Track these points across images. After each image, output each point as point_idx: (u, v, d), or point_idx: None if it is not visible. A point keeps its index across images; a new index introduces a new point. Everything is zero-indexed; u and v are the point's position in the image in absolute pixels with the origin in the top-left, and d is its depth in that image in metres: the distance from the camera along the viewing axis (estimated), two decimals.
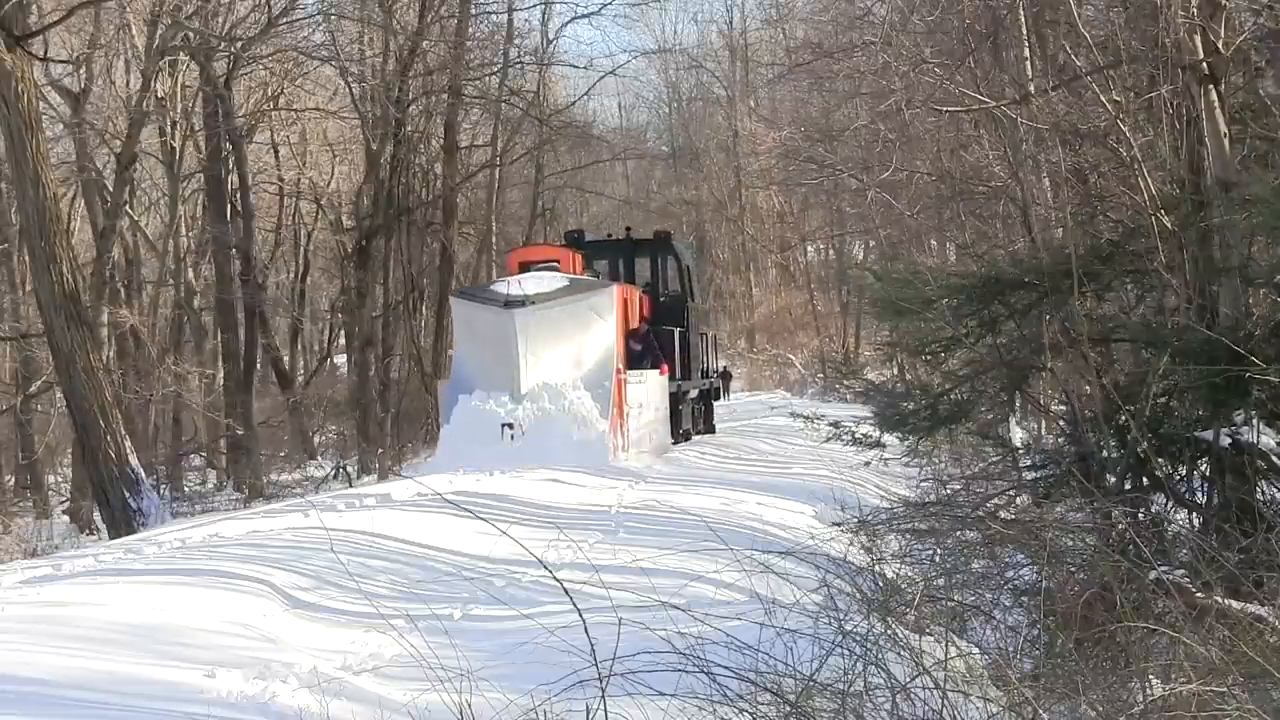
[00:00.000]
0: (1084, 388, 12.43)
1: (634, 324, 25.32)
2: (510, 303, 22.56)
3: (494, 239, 40.61)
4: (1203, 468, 11.22)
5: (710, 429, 31.23)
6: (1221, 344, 9.75)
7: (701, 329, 31.76)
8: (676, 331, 27.95)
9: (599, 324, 23.43)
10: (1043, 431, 18.67)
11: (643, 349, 25.06)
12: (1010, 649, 7.62)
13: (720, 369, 57.83)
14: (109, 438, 18.94)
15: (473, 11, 35.20)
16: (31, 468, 32.17)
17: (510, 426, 21.79)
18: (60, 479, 34.06)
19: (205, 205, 36.15)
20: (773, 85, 57.03)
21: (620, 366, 23.40)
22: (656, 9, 55.90)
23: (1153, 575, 7.64)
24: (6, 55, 18.53)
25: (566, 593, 5.72)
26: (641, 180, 70.20)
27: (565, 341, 22.94)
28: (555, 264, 24.72)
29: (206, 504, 27.91)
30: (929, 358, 14.65)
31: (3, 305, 33.70)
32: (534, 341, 22.50)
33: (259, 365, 35.48)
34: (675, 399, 27.20)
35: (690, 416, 29.48)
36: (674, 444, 26.60)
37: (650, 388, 24.75)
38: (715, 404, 33.11)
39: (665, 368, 25.74)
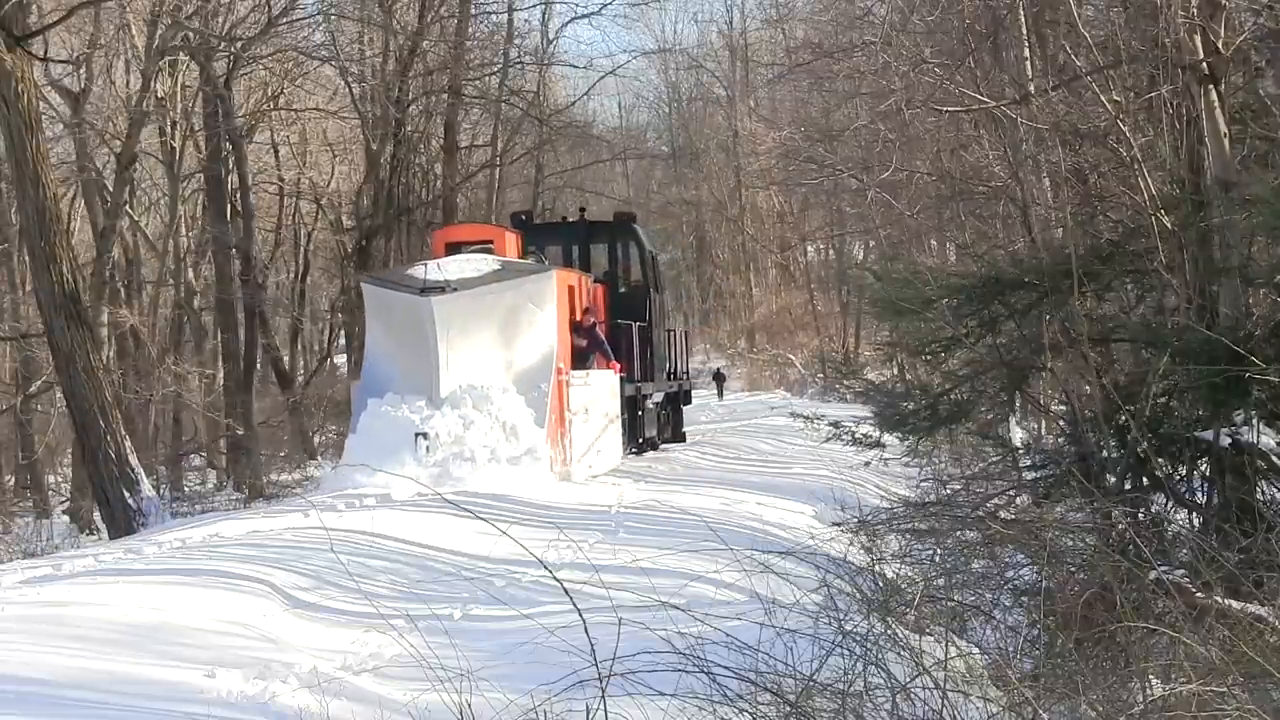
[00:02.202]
0: (1084, 388, 12.43)
1: (582, 316, 21.98)
2: (428, 289, 18.94)
3: None
4: (1203, 468, 11.22)
5: (679, 437, 27.92)
6: (1221, 344, 9.76)
7: (669, 325, 28.62)
8: (636, 326, 24.75)
9: (536, 315, 19.94)
10: (1043, 431, 18.67)
11: (589, 344, 21.80)
12: (1010, 649, 7.62)
13: (714, 370, 58.09)
14: (109, 438, 18.91)
15: (473, 11, 35.18)
16: (31, 468, 32.16)
17: (425, 437, 18.35)
18: (60, 479, 34.06)
19: (205, 205, 36.12)
20: (773, 85, 57.03)
21: (561, 365, 20.10)
22: (656, 9, 55.96)
23: (1153, 575, 7.64)
24: (6, 55, 18.52)
25: (566, 593, 5.72)
26: (641, 180, 70.27)
27: (494, 336, 19.57)
28: (489, 246, 21.23)
29: (206, 504, 27.89)
30: (929, 358, 14.65)
31: (3, 305, 33.69)
32: (456, 335, 19.10)
33: (259, 365, 35.45)
34: (634, 403, 24.20)
35: (655, 423, 26.19)
36: (634, 454, 24.00)
37: (598, 390, 21.47)
38: (685, 408, 29.92)
39: (616, 365, 22.56)
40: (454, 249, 21.21)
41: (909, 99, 18.94)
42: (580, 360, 21.39)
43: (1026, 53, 16.87)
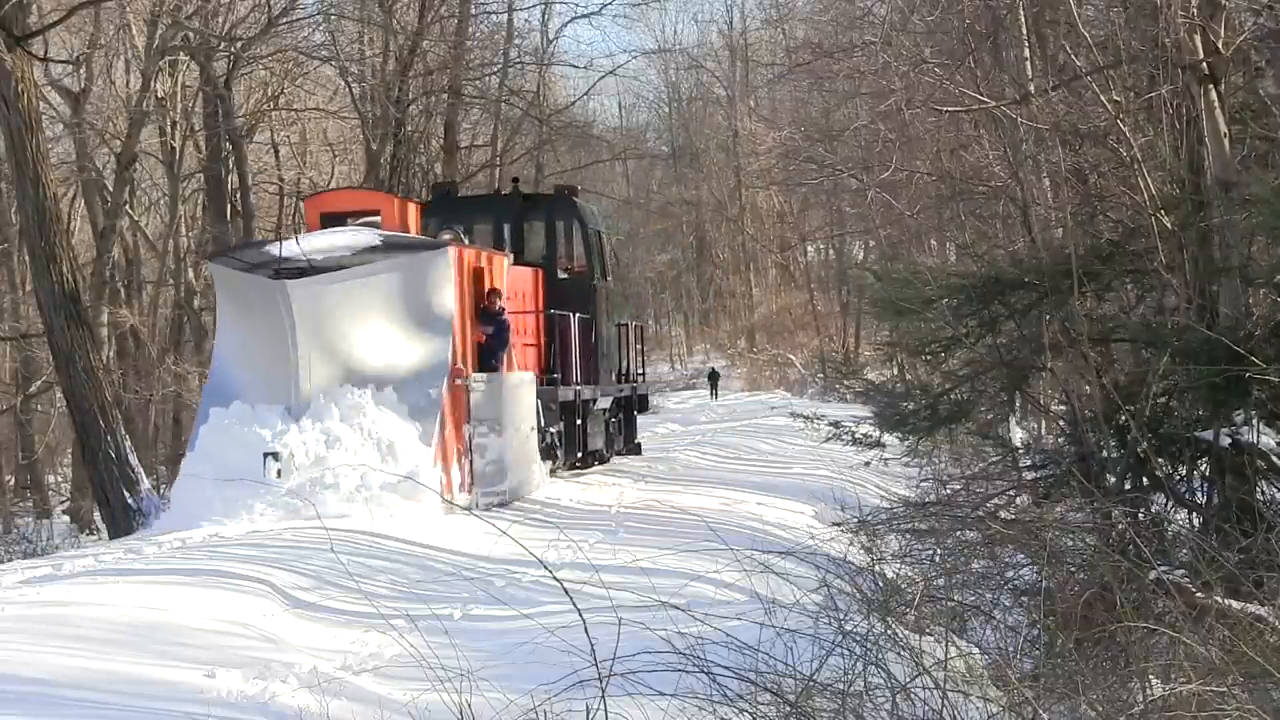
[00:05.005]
0: (1084, 388, 12.44)
1: (488, 300, 17.64)
2: (284, 270, 15.39)
3: None
4: (1203, 468, 11.23)
5: (633, 449, 24.37)
6: (1221, 344, 9.76)
7: (620, 319, 24.71)
8: (576, 318, 20.85)
9: (427, 302, 16.20)
10: (1043, 431, 18.67)
11: (496, 333, 17.54)
12: (1010, 649, 7.62)
13: (710, 369, 57.97)
14: (109, 438, 18.90)
15: (473, 11, 35.16)
16: (31, 468, 32.18)
17: (275, 458, 14.75)
18: (60, 479, 34.08)
19: (205, 205, 36.13)
20: (773, 85, 57.06)
21: (460, 365, 16.35)
22: (656, 9, 55.85)
23: (1153, 575, 7.65)
24: (6, 55, 18.51)
25: (566, 593, 5.72)
26: (641, 180, 70.26)
27: (371, 329, 15.88)
28: (375, 218, 17.35)
29: None
30: (929, 358, 14.67)
31: (3, 305, 33.70)
32: (320, 328, 15.50)
33: None
34: (573, 410, 20.57)
35: (603, 433, 22.54)
36: (576, 469, 20.85)
37: (510, 396, 17.45)
38: (639, 416, 25.72)
39: (511, 362, 18.04)
40: (333, 221, 17.22)
41: (909, 99, 18.94)
42: (487, 358, 17.39)
43: (1026, 53, 16.86)
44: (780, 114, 57.01)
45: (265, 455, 14.77)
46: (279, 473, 14.72)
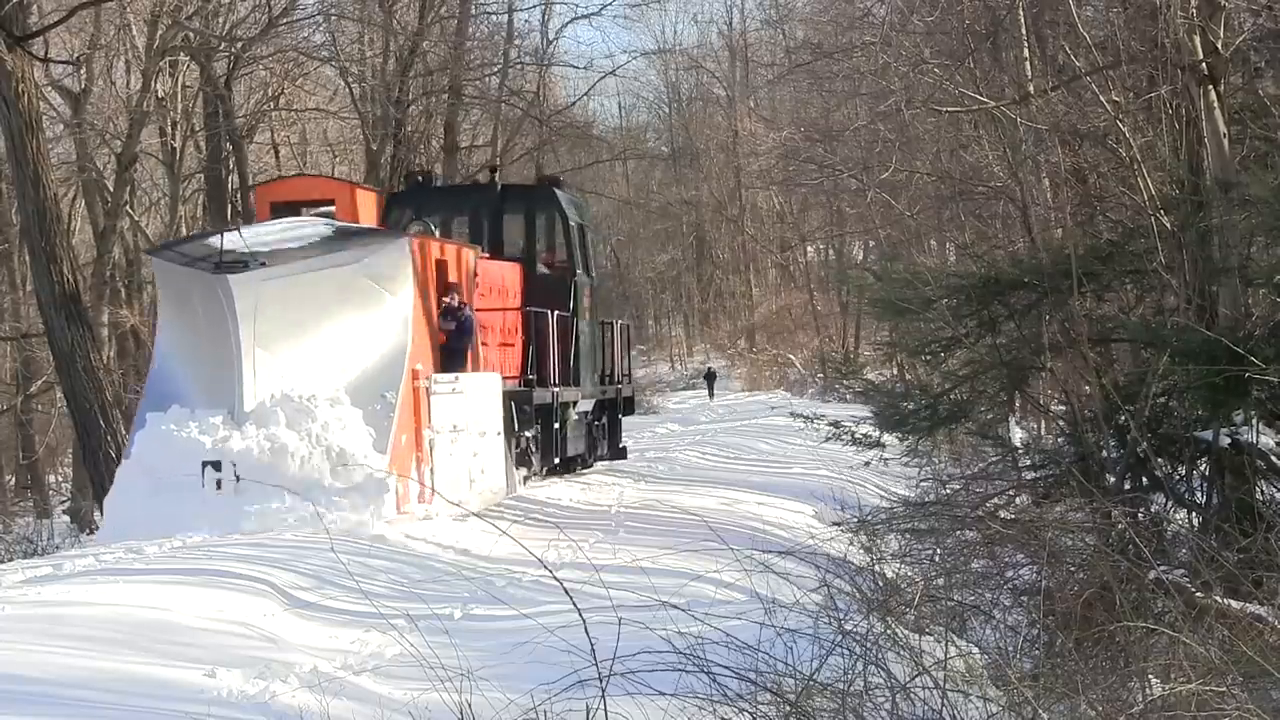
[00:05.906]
0: (1084, 388, 12.45)
1: (455, 299, 16.55)
2: (225, 263, 14.10)
3: None
4: (1203, 468, 11.24)
5: (618, 454, 23.12)
6: (1221, 344, 9.78)
7: (603, 316, 23.59)
8: (554, 315, 19.75)
9: (382, 298, 15.10)
10: (1043, 431, 18.68)
11: (458, 331, 16.48)
12: (1010, 649, 7.63)
13: (707, 369, 57.92)
14: (109, 438, 18.91)
15: (473, 12, 35.20)
16: (31, 468, 32.18)
17: (216, 468, 13.59)
18: (60, 479, 34.10)
19: (205, 205, 36.15)
20: (773, 85, 57.09)
21: (418, 367, 15.16)
22: (656, 9, 55.85)
23: (1152, 575, 7.66)
24: (6, 55, 18.53)
25: (566, 592, 5.72)
26: (641, 180, 70.31)
27: (322, 327, 14.77)
28: (330, 207, 16.33)
29: None
30: (929, 358, 14.68)
31: (3, 305, 33.71)
32: (266, 326, 14.31)
33: None
34: (550, 414, 19.41)
35: (584, 437, 21.40)
36: (553, 476, 19.82)
37: (474, 399, 16.36)
38: (625, 420, 24.61)
39: (470, 362, 16.83)
40: (284, 210, 16.16)
41: (909, 99, 18.92)
42: (450, 359, 16.35)
43: (1026, 53, 16.87)
44: (780, 114, 57.03)
45: (205, 464, 13.64)
46: (219, 484, 13.62)
